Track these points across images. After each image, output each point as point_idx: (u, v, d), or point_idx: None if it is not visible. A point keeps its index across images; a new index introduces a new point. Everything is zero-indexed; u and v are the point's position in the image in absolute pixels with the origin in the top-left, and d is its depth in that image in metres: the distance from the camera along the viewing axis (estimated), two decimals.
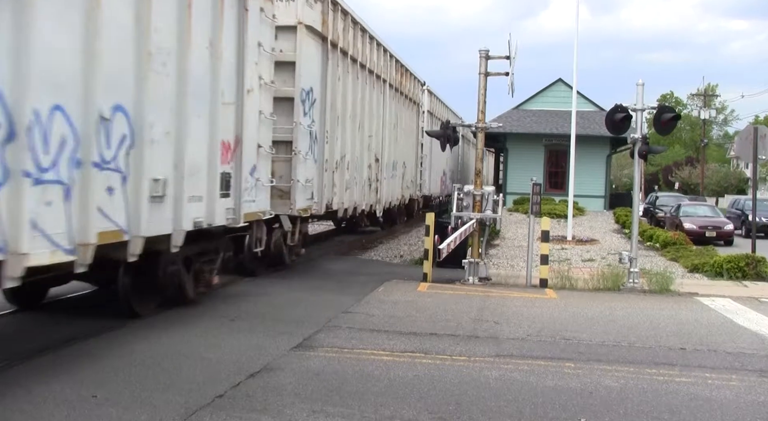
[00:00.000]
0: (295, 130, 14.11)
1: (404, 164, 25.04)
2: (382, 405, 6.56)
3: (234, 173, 11.00)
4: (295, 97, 14.15)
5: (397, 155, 23.63)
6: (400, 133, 24.00)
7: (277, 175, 13.59)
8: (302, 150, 14.34)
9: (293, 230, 14.87)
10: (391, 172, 22.97)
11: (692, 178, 72.47)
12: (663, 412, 6.69)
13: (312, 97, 14.94)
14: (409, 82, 25.46)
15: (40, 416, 5.99)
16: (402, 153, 24.62)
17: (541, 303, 12.63)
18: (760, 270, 16.68)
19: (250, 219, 11.89)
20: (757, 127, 18.56)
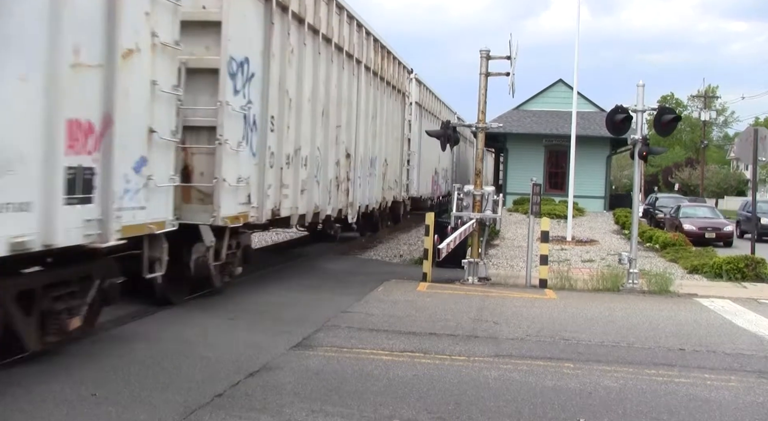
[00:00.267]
0: (221, 112, 10.58)
1: (386, 162, 21.44)
2: (381, 405, 6.56)
3: (100, 168, 7.59)
4: (221, 69, 10.60)
5: (376, 151, 19.98)
6: (380, 125, 20.28)
7: (196, 173, 10.67)
8: (231, 139, 10.82)
9: (219, 245, 11.19)
10: (368, 170, 19.30)
11: (692, 180, 72.49)
12: (662, 412, 6.69)
13: (248, 71, 11.51)
14: (393, 67, 21.57)
15: (39, 416, 5.99)
16: (383, 149, 20.89)
17: (540, 303, 12.63)
18: (759, 271, 16.68)
19: (133, 233, 8.35)
20: (757, 129, 18.58)
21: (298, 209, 13.93)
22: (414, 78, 25.99)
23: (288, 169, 13.28)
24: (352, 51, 16.94)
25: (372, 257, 19.41)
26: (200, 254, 10.71)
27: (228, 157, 10.74)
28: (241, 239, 12.27)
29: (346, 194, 17.22)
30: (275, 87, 12.58)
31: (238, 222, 11.28)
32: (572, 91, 28.69)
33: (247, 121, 11.56)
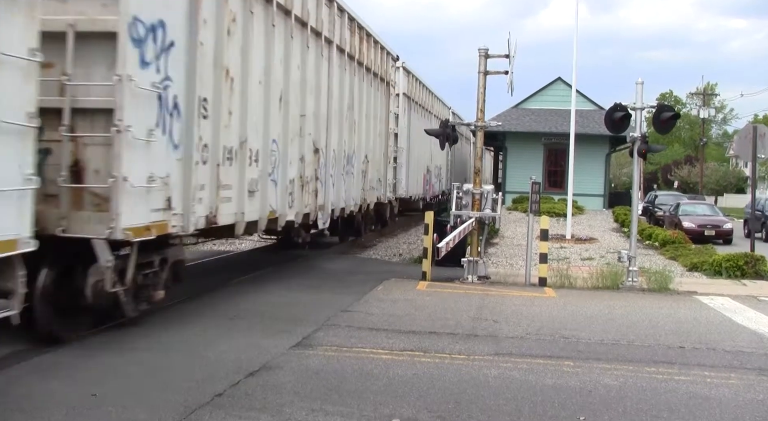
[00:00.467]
0: (120, 89, 8.12)
1: (367, 158, 18.96)
2: (381, 404, 6.56)
3: None
4: (119, 32, 8.17)
5: (354, 146, 17.60)
6: (359, 117, 17.88)
7: (90, 170, 8.27)
8: (137, 125, 8.35)
9: (124, 264, 8.58)
10: (345, 168, 16.86)
11: (691, 177, 72.46)
12: (662, 410, 6.69)
13: (165, 38, 9.01)
14: (374, 52, 19.14)
15: (39, 416, 5.99)
16: (363, 144, 18.53)
17: (540, 302, 12.63)
18: (759, 269, 16.68)
19: None
20: (756, 126, 18.61)
21: (244, 215, 11.37)
22: (401, 67, 23.49)
23: (230, 165, 10.87)
24: (321, 28, 14.38)
25: (371, 257, 19.41)
26: (98, 278, 8.22)
27: (131, 150, 8.25)
28: (168, 253, 9.75)
29: (315, 196, 14.77)
30: (209, 62, 10.09)
31: (149, 234, 8.67)
32: (571, 90, 28.69)
33: (164, 104, 9.02)
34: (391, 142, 22.57)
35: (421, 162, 28.19)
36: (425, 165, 29.26)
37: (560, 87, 40.11)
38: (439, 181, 32.97)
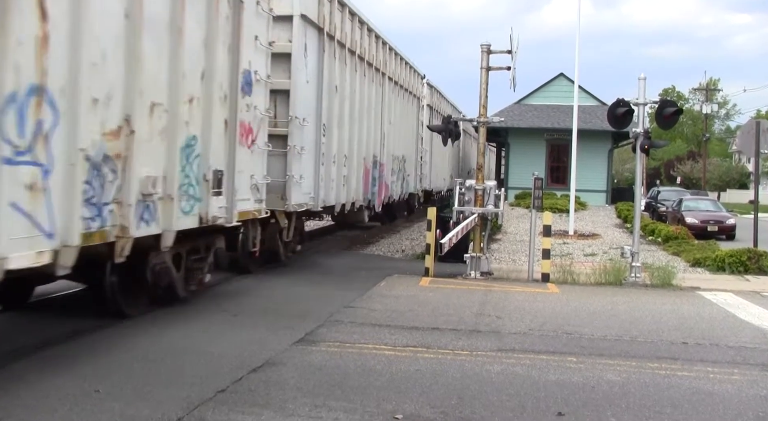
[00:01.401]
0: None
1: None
2: (384, 399, 6.56)
3: None
4: None
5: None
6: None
7: None
8: None
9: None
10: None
11: (694, 173, 72.42)
12: (665, 406, 6.69)
13: None
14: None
15: (43, 411, 6.00)
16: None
17: (543, 297, 12.63)
18: (762, 264, 16.65)
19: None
20: (760, 122, 18.54)
21: None
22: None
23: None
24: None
25: (374, 253, 19.41)
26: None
27: None
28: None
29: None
30: None
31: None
32: (574, 85, 28.63)
33: None
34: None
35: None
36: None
37: (563, 83, 40.05)
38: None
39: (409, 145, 25.67)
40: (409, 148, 25.45)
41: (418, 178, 27.61)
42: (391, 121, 21.54)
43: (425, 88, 28.70)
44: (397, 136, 22.82)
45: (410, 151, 25.79)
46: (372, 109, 19.11)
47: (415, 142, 26.90)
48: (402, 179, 24.20)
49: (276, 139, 13.17)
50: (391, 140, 21.79)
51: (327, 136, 15.53)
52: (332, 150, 15.89)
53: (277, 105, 13.50)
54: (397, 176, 23.41)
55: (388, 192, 21.94)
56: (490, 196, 15.24)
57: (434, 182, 31.54)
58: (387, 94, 20.84)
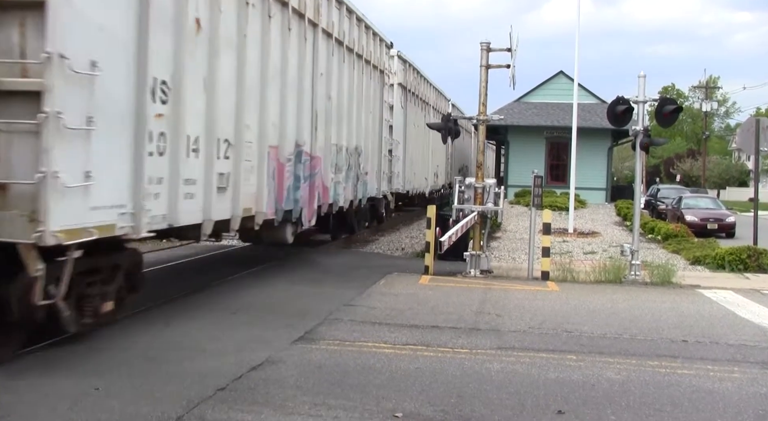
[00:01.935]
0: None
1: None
2: (383, 398, 6.56)
3: None
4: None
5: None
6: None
7: None
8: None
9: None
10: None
11: (694, 171, 72.44)
12: (665, 404, 6.69)
13: None
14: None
15: (43, 409, 6.00)
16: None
17: (542, 295, 12.63)
18: (761, 262, 16.65)
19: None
20: (759, 119, 18.55)
21: None
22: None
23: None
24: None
25: (374, 251, 19.41)
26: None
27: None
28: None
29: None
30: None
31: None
32: (573, 83, 28.61)
33: None
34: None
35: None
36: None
37: (562, 81, 39.99)
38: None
39: (370, 135, 18.99)
40: (369, 139, 18.77)
41: (384, 177, 21.04)
42: (330, 97, 15.18)
43: (395, 63, 22.47)
44: (346, 121, 16.56)
45: (371, 143, 19.08)
46: (288, 74, 12.80)
47: (379, 131, 20.11)
48: (356, 178, 17.59)
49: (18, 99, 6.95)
50: (333, 124, 15.46)
51: (172, 102, 8.91)
52: (184, 129, 9.21)
53: None
54: (347, 175, 16.81)
55: (328, 197, 15.40)
56: (490, 194, 15.24)
57: (411, 182, 25.25)
58: (324, 58, 14.64)
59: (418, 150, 26.81)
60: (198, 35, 9.60)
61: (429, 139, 27.92)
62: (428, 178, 29.24)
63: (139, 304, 10.09)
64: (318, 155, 14.42)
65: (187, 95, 9.22)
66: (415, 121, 25.55)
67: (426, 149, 28.49)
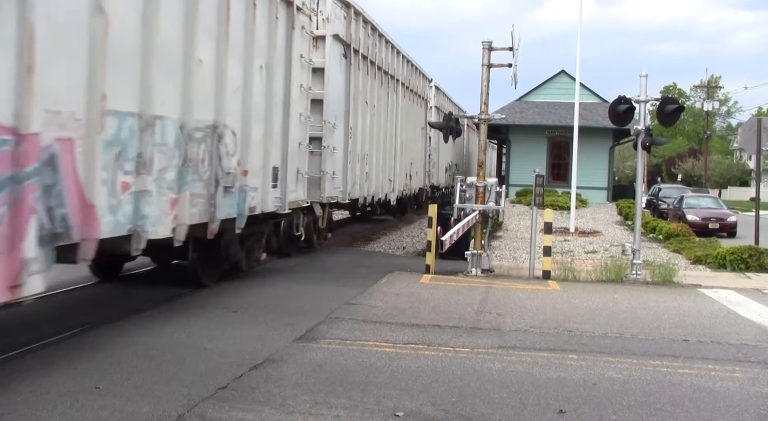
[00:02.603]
0: None
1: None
2: (384, 396, 6.56)
3: None
4: None
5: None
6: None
7: None
8: None
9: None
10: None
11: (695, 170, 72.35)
12: (666, 403, 6.68)
13: None
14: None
15: (43, 408, 5.99)
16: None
17: (543, 295, 12.62)
18: (763, 262, 16.63)
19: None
20: (761, 119, 18.53)
21: None
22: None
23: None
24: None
25: (375, 250, 19.40)
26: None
27: None
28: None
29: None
30: None
31: None
32: (575, 82, 28.59)
33: None
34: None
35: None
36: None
37: (564, 80, 39.98)
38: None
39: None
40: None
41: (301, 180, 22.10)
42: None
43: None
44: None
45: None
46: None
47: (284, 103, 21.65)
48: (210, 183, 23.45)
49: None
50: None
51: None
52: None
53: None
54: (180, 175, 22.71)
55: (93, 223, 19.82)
56: (491, 194, 15.22)
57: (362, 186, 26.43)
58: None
59: (377, 140, 20.70)
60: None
61: (395, 125, 23.11)
62: (395, 180, 23.25)
63: (140, 304, 10.11)
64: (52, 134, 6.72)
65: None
66: (368, 98, 19.55)
67: (390, 140, 22.33)
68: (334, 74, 16.57)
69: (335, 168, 16.92)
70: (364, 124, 19.15)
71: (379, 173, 21.11)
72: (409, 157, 25.64)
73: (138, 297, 10.92)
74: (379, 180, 21.10)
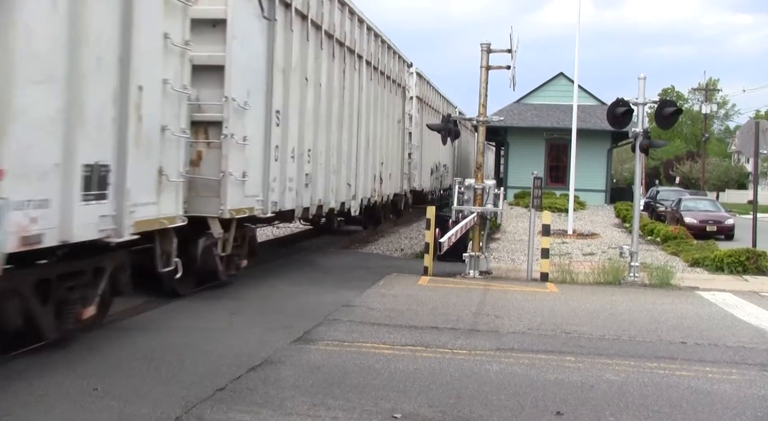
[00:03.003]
0: None
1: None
2: (382, 398, 6.56)
3: None
4: None
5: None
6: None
7: None
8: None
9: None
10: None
11: (693, 173, 72.46)
12: (663, 405, 6.69)
13: None
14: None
15: (42, 410, 5.99)
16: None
17: (541, 297, 12.63)
18: (760, 264, 16.66)
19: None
20: (759, 122, 18.55)
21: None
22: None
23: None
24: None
25: (373, 251, 19.41)
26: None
27: None
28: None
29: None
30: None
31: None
32: (573, 85, 28.63)
33: None
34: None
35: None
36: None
37: (562, 82, 40.02)
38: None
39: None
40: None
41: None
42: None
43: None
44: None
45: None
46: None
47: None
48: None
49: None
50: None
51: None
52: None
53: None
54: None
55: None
56: (489, 196, 15.24)
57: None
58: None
59: (326, 132, 15.59)
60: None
61: (358, 114, 17.90)
62: (357, 185, 18.15)
63: (138, 305, 10.11)
64: None
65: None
66: (310, 73, 14.31)
67: (349, 133, 17.33)
68: (243, 31, 11.42)
69: (248, 167, 11.63)
70: (303, 108, 13.95)
71: (330, 176, 15.87)
72: (379, 156, 20.34)
73: None
74: (329, 184, 15.90)
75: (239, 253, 12.40)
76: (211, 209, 10.87)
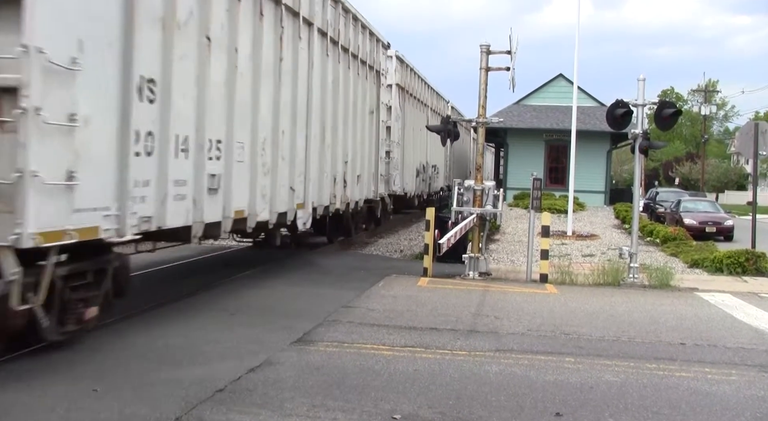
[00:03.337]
0: None
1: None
2: (382, 399, 6.56)
3: None
4: None
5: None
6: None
7: None
8: None
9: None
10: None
11: (692, 174, 72.48)
12: (663, 407, 6.69)
13: None
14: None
15: (41, 410, 6.00)
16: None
17: (541, 298, 12.63)
18: (760, 265, 16.66)
19: None
20: (758, 123, 18.56)
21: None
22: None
23: None
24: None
25: (373, 253, 19.40)
26: None
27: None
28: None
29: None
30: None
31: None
32: (573, 86, 28.64)
33: None
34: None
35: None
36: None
37: (562, 83, 40.03)
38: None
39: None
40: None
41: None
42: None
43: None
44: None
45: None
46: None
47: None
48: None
49: None
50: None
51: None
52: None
53: None
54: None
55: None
56: (489, 197, 15.25)
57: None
58: None
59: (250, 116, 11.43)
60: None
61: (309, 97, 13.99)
62: (306, 189, 14.05)
63: (137, 306, 10.10)
64: None
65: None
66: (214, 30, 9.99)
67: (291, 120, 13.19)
68: None
69: (81, 164, 7.29)
70: (204, 80, 9.79)
71: (258, 178, 11.71)
72: (341, 154, 16.34)
73: None
74: (257, 189, 11.68)
75: (88, 295, 7.96)
76: None
